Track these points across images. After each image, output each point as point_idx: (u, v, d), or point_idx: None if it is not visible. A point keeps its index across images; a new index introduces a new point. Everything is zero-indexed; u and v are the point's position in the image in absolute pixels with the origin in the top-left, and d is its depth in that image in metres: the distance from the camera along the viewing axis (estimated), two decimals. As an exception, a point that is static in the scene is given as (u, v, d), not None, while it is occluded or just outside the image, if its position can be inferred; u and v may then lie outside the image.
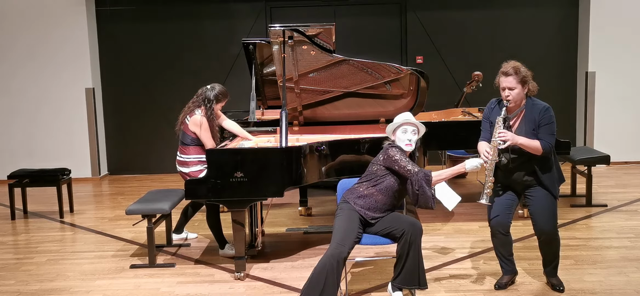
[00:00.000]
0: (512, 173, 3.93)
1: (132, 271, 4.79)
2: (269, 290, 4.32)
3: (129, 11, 8.62)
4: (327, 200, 6.88)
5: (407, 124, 3.93)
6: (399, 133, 3.93)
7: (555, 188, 3.91)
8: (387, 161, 3.86)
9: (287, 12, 8.64)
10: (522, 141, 3.80)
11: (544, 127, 3.81)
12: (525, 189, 3.95)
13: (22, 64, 8.47)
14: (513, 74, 3.81)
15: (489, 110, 4.00)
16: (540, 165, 3.86)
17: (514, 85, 3.81)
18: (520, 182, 3.93)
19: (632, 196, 6.71)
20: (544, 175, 3.87)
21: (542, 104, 3.88)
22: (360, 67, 5.25)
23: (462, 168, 3.82)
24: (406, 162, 3.81)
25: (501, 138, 3.77)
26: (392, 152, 3.85)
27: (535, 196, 3.91)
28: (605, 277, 4.34)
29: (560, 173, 3.98)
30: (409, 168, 3.78)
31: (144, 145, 8.85)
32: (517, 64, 3.86)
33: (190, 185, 4.41)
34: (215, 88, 4.94)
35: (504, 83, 3.84)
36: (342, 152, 4.80)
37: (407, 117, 3.97)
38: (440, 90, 7.90)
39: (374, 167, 3.94)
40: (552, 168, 3.89)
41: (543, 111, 3.84)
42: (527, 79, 3.84)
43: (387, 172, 3.87)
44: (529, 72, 3.86)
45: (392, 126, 3.97)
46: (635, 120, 8.55)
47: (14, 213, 6.52)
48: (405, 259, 3.80)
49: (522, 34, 8.58)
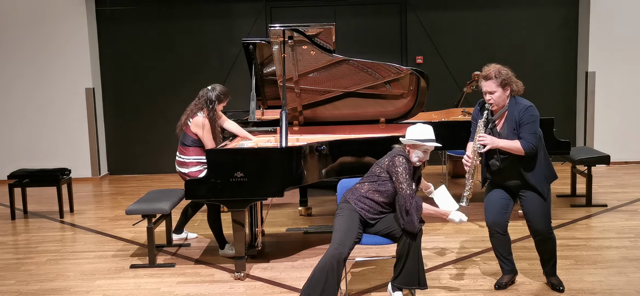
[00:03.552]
0: (502, 174, 3.93)
1: (132, 271, 4.79)
2: (269, 290, 4.32)
3: (129, 11, 8.62)
4: (327, 200, 6.88)
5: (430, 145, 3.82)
6: (418, 152, 3.82)
7: (543, 188, 3.88)
8: (390, 167, 3.84)
9: (287, 12, 8.64)
10: (502, 144, 3.80)
11: (524, 126, 3.78)
12: (519, 189, 3.95)
13: (22, 64, 8.47)
14: (492, 77, 3.80)
15: (476, 112, 4.01)
16: (525, 166, 3.84)
17: (494, 89, 3.81)
18: (510, 182, 3.93)
19: (632, 196, 6.71)
20: (529, 174, 3.84)
21: (524, 103, 3.85)
22: (360, 67, 5.26)
23: (445, 215, 3.91)
24: (404, 178, 3.74)
25: (481, 142, 3.79)
26: (397, 162, 3.79)
27: (527, 197, 3.92)
28: (605, 277, 4.34)
29: (551, 170, 3.94)
30: (403, 186, 3.74)
31: (144, 145, 8.85)
32: (497, 66, 3.85)
33: (191, 185, 4.41)
34: (216, 89, 4.94)
35: (484, 87, 3.85)
36: (342, 152, 4.80)
37: (431, 136, 3.83)
38: (440, 90, 7.90)
39: (377, 169, 3.93)
40: (538, 167, 3.85)
41: (523, 110, 3.81)
42: (508, 81, 3.82)
43: (389, 177, 3.87)
44: (510, 74, 3.84)
45: (414, 138, 3.80)
46: (636, 120, 8.55)
47: (14, 213, 6.52)
48: (405, 259, 3.80)
49: (522, 34, 8.58)
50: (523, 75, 4.10)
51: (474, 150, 3.83)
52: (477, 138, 3.82)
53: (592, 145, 8.46)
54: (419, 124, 3.88)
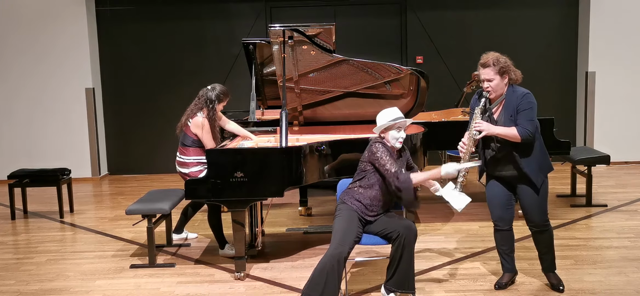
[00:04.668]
0: (498, 163, 3.93)
1: (132, 271, 4.79)
2: (269, 290, 4.32)
3: (129, 11, 8.62)
4: (327, 200, 6.88)
5: (400, 121, 3.86)
6: (393, 132, 3.88)
7: (538, 178, 3.86)
8: (370, 156, 3.87)
9: (287, 12, 8.64)
10: (498, 130, 3.79)
11: (521, 113, 3.77)
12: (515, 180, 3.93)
13: (22, 64, 8.47)
14: (490, 65, 3.80)
15: (474, 101, 4.01)
16: (521, 154, 3.83)
17: (492, 77, 3.81)
18: (505, 172, 3.93)
19: (632, 196, 6.71)
20: (524, 163, 3.82)
21: (521, 90, 3.85)
22: (360, 67, 5.25)
23: (437, 173, 3.81)
24: (386, 160, 3.78)
25: (477, 129, 3.79)
26: (374, 148, 3.85)
27: (523, 188, 3.91)
28: (605, 277, 4.34)
29: (546, 161, 3.93)
30: (387, 167, 3.77)
31: (144, 145, 8.86)
32: (495, 54, 3.85)
33: (191, 185, 4.41)
34: (216, 89, 4.94)
35: (482, 75, 3.85)
36: (342, 151, 4.80)
37: (398, 114, 3.89)
38: (440, 90, 7.90)
39: (362, 165, 3.97)
40: (533, 157, 3.84)
41: (520, 97, 3.81)
42: (506, 69, 3.82)
43: (374, 168, 3.88)
44: (508, 62, 3.84)
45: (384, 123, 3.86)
46: (635, 120, 8.55)
47: (14, 213, 6.52)
48: (398, 261, 3.82)
49: (522, 34, 8.58)
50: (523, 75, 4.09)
51: (470, 136, 3.83)
52: (474, 124, 3.81)
53: (592, 145, 8.46)
54: (382, 110, 3.92)
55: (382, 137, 3.93)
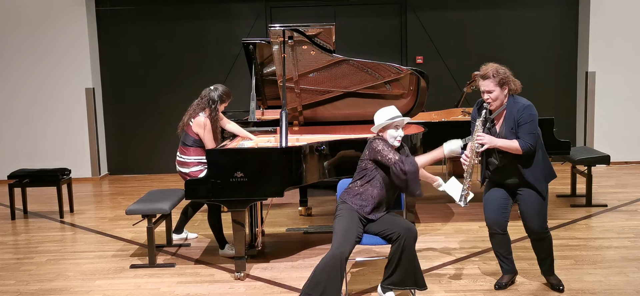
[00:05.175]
0: (501, 172, 3.93)
1: (132, 271, 4.79)
2: (269, 290, 4.32)
3: (129, 11, 8.62)
4: (327, 200, 6.88)
5: (398, 120, 3.89)
6: (391, 131, 3.90)
7: (542, 186, 3.88)
8: (372, 153, 3.89)
9: (287, 12, 8.64)
10: (500, 143, 3.80)
11: (522, 126, 3.78)
12: (517, 187, 3.94)
13: (22, 64, 8.47)
14: (490, 76, 3.80)
15: (475, 112, 4.01)
16: (524, 163, 3.84)
17: (492, 88, 3.80)
18: (509, 181, 3.94)
19: (632, 196, 6.71)
20: (527, 171, 3.84)
21: (523, 102, 3.85)
22: (360, 67, 5.25)
23: (441, 152, 3.85)
24: (388, 151, 3.83)
25: (479, 142, 3.80)
26: (375, 144, 3.88)
27: (524, 195, 3.92)
28: (605, 277, 4.34)
29: (549, 169, 3.94)
30: (389, 157, 3.81)
31: (144, 145, 8.85)
32: (495, 65, 3.84)
33: (191, 185, 4.41)
34: (219, 89, 4.94)
35: (482, 86, 3.85)
36: (342, 151, 4.80)
37: (395, 112, 3.92)
38: (440, 90, 7.90)
39: (363, 163, 3.98)
40: (536, 166, 3.85)
41: (521, 110, 3.81)
42: (506, 80, 3.81)
43: (376, 165, 3.89)
44: (508, 73, 3.84)
45: (382, 122, 3.89)
46: (635, 120, 8.55)
47: (14, 213, 6.52)
48: (397, 262, 3.82)
49: (522, 34, 8.58)
50: (523, 75, 4.10)
51: (472, 149, 3.84)
52: (476, 137, 3.82)
53: (592, 145, 8.46)
54: (380, 109, 3.95)
55: (380, 135, 3.96)
